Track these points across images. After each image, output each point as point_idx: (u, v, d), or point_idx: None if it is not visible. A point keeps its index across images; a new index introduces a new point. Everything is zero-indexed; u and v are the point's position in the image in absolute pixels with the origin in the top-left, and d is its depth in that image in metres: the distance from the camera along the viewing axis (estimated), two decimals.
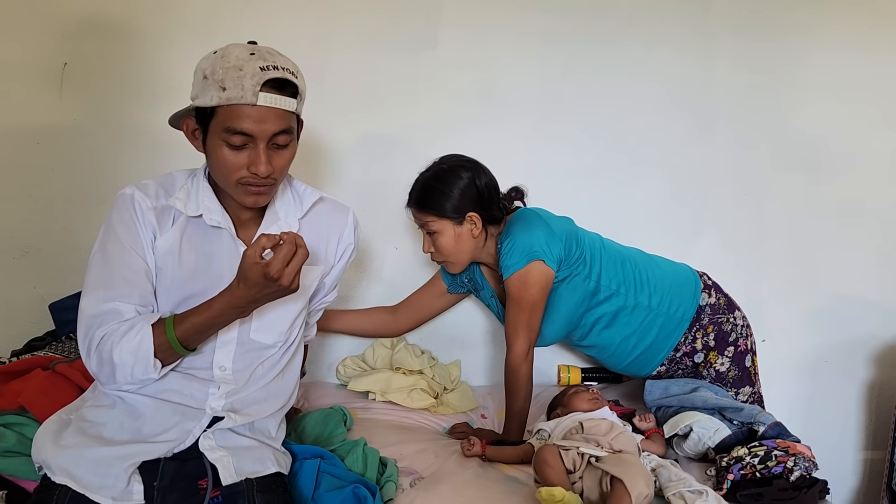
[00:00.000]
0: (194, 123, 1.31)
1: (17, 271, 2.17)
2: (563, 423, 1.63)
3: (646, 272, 1.95)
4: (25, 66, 2.12)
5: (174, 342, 1.25)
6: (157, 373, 1.26)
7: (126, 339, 1.23)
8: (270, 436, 1.43)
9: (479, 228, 1.87)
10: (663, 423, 1.74)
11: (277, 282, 1.18)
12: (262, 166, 1.26)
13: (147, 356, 1.24)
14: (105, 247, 1.33)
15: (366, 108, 2.23)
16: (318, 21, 2.18)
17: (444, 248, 1.88)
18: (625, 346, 1.95)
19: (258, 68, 1.22)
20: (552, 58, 2.29)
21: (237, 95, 1.22)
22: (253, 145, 1.26)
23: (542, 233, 1.82)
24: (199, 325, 1.25)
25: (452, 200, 1.84)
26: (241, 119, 1.23)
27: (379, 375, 2.09)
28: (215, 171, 1.32)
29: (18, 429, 1.46)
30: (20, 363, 1.63)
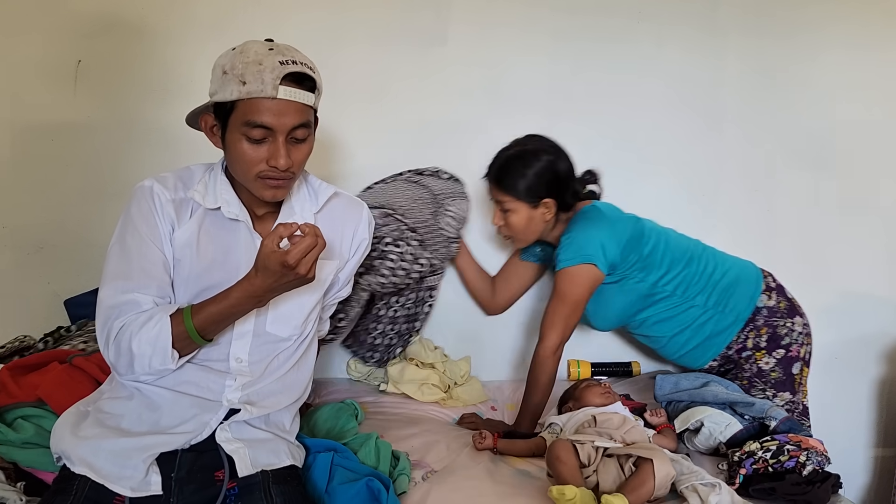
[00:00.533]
0: (213, 119, 1.33)
1: (32, 267, 2.19)
2: (576, 418, 1.63)
3: (707, 272, 1.95)
4: (40, 64, 2.13)
5: (192, 332, 1.26)
6: (175, 363, 1.28)
7: (145, 329, 1.25)
8: (285, 429, 1.44)
9: (553, 213, 1.89)
10: (674, 417, 1.74)
11: (294, 270, 1.19)
12: (281, 160, 1.27)
13: (165, 346, 1.25)
14: (124, 238, 1.35)
15: (376, 105, 2.24)
16: (328, 17, 2.19)
17: (514, 227, 1.90)
18: (677, 341, 1.98)
19: (277, 62, 1.24)
20: (561, 55, 2.29)
21: (257, 89, 1.23)
22: (272, 139, 1.27)
23: (601, 235, 1.84)
24: (216, 314, 1.27)
25: (531, 184, 1.85)
26: (261, 112, 1.25)
27: (392, 366, 2.11)
28: (235, 166, 1.34)
29: (36, 421, 1.47)
30: (37, 356, 1.65)
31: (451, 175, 2.18)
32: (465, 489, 1.50)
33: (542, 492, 1.48)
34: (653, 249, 1.92)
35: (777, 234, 2.40)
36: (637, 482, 1.34)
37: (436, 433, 1.82)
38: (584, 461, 1.43)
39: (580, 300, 1.84)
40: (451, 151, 2.27)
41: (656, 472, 1.32)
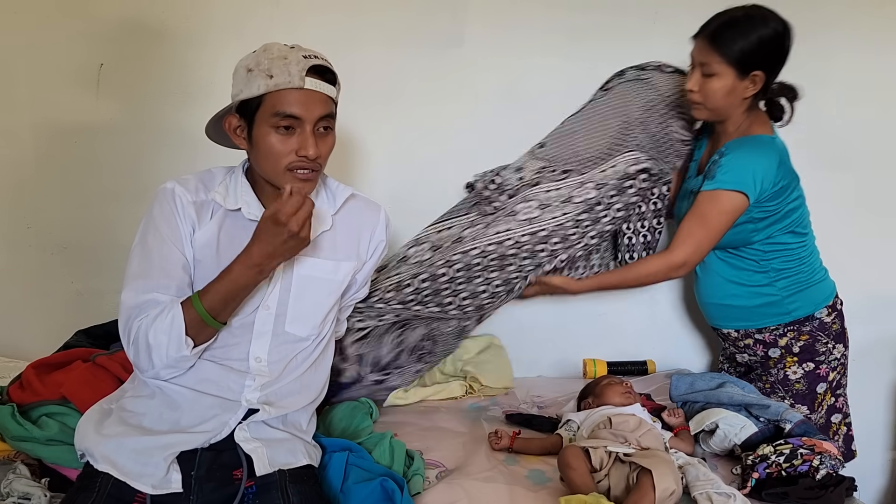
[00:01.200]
0: (237, 120, 1.37)
1: (56, 266, 2.24)
2: (592, 418, 1.64)
3: (805, 259, 1.91)
4: (63, 68, 2.17)
5: (203, 314, 1.29)
6: (190, 351, 1.30)
7: (158, 320, 1.28)
8: (302, 429, 1.47)
9: (754, 91, 1.79)
10: (689, 418, 1.74)
11: (286, 227, 1.23)
12: (311, 149, 1.32)
13: (179, 334, 1.28)
14: (146, 239, 1.38)
15: (392, 107, 2.26)
16: (345, 19, 2.21)
17: (710, 93, 1.79)
18: (726, 288, 1.96)
19: (301, 56, 1.32)
20: (578, 56, 2.29)
21: (285, 80, 1.29)
22: (300, 130, 1.32)
23: (766, 170, 1.76)
24: (222, 291, 1.29)
25: (750, 49, 1.72)
26: (290, 103, 1.31)
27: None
28: (264, 161, 1.36)
29: (60, 418, 1.51)
30: (61, 355, 1.69)
31: (674, 68, 2.05)
32: (479, 489, 1.52)
33: (556, 492, 1.49)
34: (790, 209, 1.86)
35: None
36: (637, 496, 1.32)
37: (451, 431, 1.83)
38: (595, 466, 1.43)
39: (721, 229, 1.79)
40: (467, 154, 2.28)
41: (656, 485, 1.30)
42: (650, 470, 1.33)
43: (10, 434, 1.47)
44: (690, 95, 1.84)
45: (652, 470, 1.32)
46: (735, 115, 1.84)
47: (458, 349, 2.17)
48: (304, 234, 1.27)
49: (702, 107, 1.84)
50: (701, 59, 1.79)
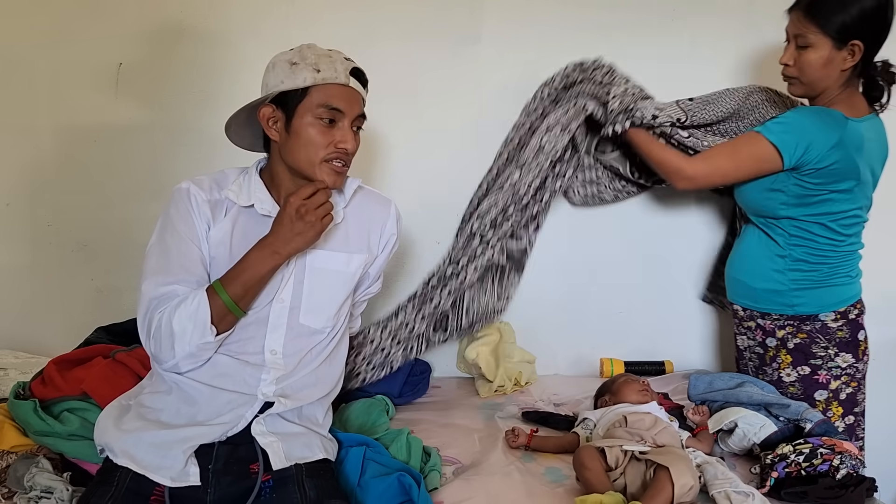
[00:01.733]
0: (272, 110, 1.40)
1: (76, 264, 2.26)
2: (608, 416, 1.64)
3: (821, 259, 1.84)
4: (83, 67, 2.19)
5: (228, 303, 1.32)
6: (214, 337, 1.32)
7: (183, 306, 1.31)
8: (317, 423, 1.47)
9: (853, 63, 1.71)
10: (708, 417, 1.73)
11: (298, 212, 1.32)
12: (350, 142, 1.40)
13: (205, 320, 1.30)
14: (163, 237, 1.40)
15: (408, 103, 2.26)
16: (361, 16, 2.21)
17: (806, 66, 1.73)
18: (744, 264, 1.94)
19: (343, 58, 1.42)
20: (595, 53, 2.26)
21: (332, 76, 1.38)
22: (341, 123, 1.40)
23: (819, 139, 1.70)
24: (242, 277, 1.33)
25: (850, 19, 1.66)
26: (335, 97, 1.38)
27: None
28: (302, 151, 1.40)
29: (81, 414, 1.53)
30: (81, 351, 1.71)
31: None
32: (495, 486, 1.52)
33: (571, 491, 1.49)
34: (831, 199, 1.78)
35: None
36: (655, 490, 1.32)
37: (468, 427, 1.83)
38: (611, 465, 1.43)
39: (743, 168, 1.78)
40: (483, 151, 2.28)
41: (674, 481, 1.30)
42: (667, 467, 1.32)
43: (32, 429, 1.49)
44: (785, 70, 1.80)
45: (669, 466, 1.32)
46: (830, 89, 1.77)
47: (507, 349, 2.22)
48: (310, 218, 1.33)
49: (797, 81, 1.79)
50: (795, 31, 1.75)
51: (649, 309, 2.36)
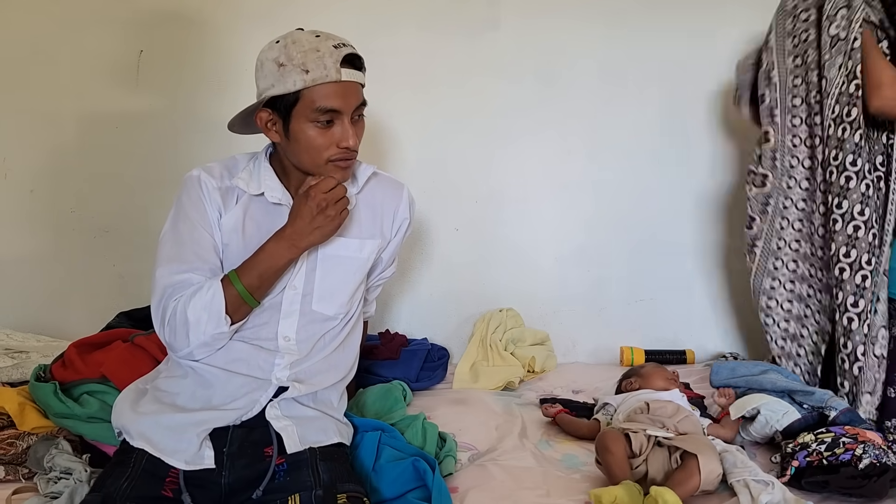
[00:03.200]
0: (269, 114, 1.36)
1: (98, 249, 2.30)
2: (629, 402, 1.62)
3: None
4: (105, 55, 2.22)
5: (242, 292, 1.31)
6: (228, 327, 1.32)
7: (198, 296, 1.31)
8: (332, 406, 1.47)
9: None
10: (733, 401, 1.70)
11: (319, 206, 1.30)
12: (351, 140, 1.34)
13: (219, 310, 1.30)
14: (176, 225, 1.40)
15: (426, 90, 2.25)
16: (377, 3, 2.21)
17: None
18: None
19: (332, 47, 1.30)
20: (616, 37, 2.25)
21: (322, 75, 1.28)
22: (339, 121, 1.33)
23: None
24: (259, 268, 1.33)
25: None
26: (328, 97, 1.30)
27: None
28: (303, 155, 1.36)
29: (101, 396, 1.55)
30: (102, 335, 1.73)
31: None
32: (511, 472, 1.51)
33: (588, 479, 1.48)
34: None
35: None
36: (683, 476, 1.31)
37: (485, 413, 1.82)
38: (635, 450, 1.41)
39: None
40: (502, 139, 2.26)
41: (701, 468, 1.29)
42: (696, 454, 1.31)
43: (52, 411, 1.51)
44: None
45: (698, 454, 1.31)
46: None
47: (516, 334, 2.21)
48: (330, 212, 1.31)
49: None
50: None
51: (670, 297, 2.33)
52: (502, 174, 2.29)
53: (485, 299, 2.31)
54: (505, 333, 2.20)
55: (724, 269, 2.31)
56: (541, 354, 2.17)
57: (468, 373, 2.07)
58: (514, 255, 2.32)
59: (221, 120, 1.46)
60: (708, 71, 2.24)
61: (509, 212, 2.31)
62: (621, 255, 2.32)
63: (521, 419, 1.78)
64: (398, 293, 2.32)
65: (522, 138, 2.28)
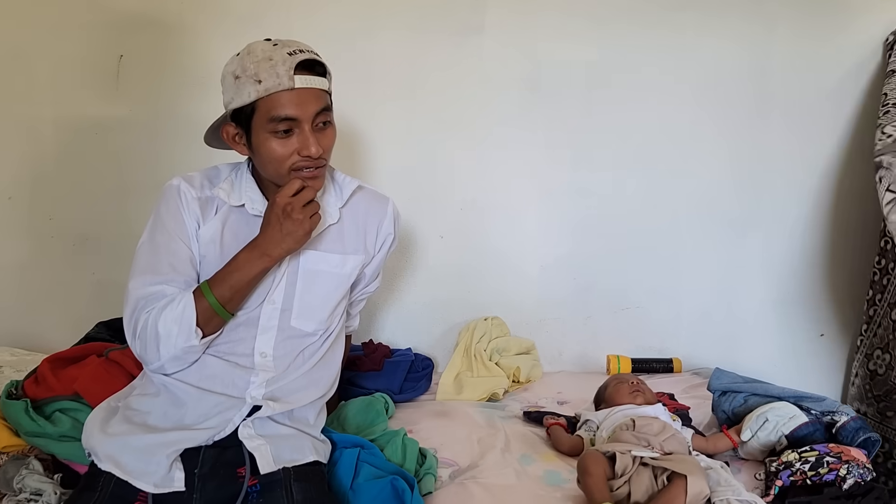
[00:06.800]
0: (234, 128, 1.34)
1: (77, 257, 2.26)
2: (613, 417, 1.59)
3: None
4: (84, 59, 2.18)
5: (214, 303, 1.29)
6: (199, 341, 1.29)
7: (169, 308, 1.28)
8: (309, 424, 1.44)
9: None
10: (731, 412, 1.67)
11: (285, 211, 1.27)
12: (312, 147, 1.29)
13: (190, 323, 1.27)
14: (153, 236, 1.38)
15: (411, 95, 2.21)
16: (362, 7, 2.17)
17: None
18: None
19: (286, 54, 1.26)
20: (602, 42, 2.21)
21: (274, 84, 1.25)
22: (299, 130, 1.29)
23: None
24: (231, 279, 1.30)
25: None
26: (283, 105, 1.27)
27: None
28: (267, 167, 1.34)
29: (73, 414, 1.52)
30: (76, 350, 1.70)
31: None
32: (492, 490, 1.48)
33: (570, 497, 1.46)
34: None
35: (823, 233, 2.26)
36: (668, 497, 1.29)
37: (467, 426, 1.79)
38: (618, 472, 1.39)
39: None
40: (487, 145, 2.23)
41: (689, 489, 1.27)
42: (685, 475, 1.30)
43: (23, 429, 1.48)
44: None
45: (688, 475, 1.30)
46: None
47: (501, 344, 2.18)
48: (297, 216, 1.28)
49: None
50: None
51: (657, 305, 2.31)
52: (487, 181, 2.26)
53: (470, 307, 2.29)
54: (490, 343, 2.17)
55: (712, 276, 2.29)
56: (526, 364, 2.15)
57: (452, 384, 2.04)
58: (499, 262, 2.29)
59: (203, 126, 1.44)
60: (698, 76, 2.21)
61: (495, 219, 2.28)
62: (608, 262, 2.29)
63: (504, 432, 1.76)
64: (382, 301, 2.29)
65: (508, 144, 2.24)
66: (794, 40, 2.20)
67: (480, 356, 2.12)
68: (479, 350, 2.13)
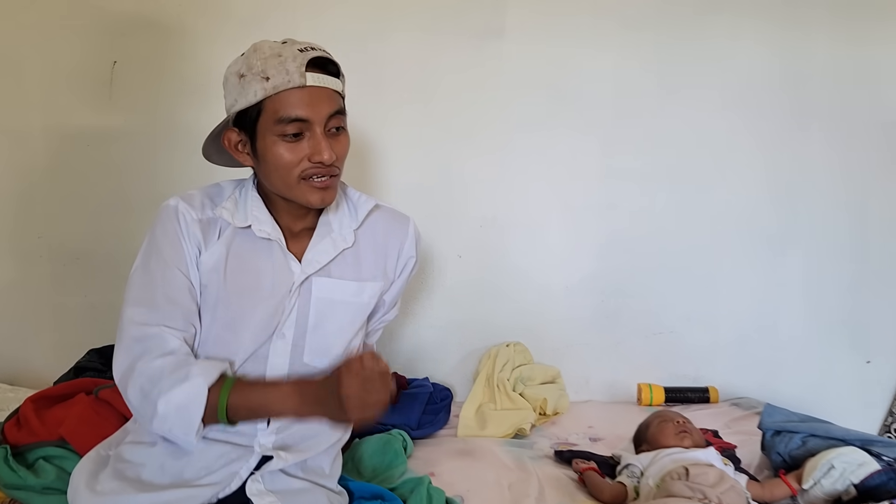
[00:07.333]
0: (237, 134, 1.21)
1: (68, 278, 2.11)
2: (661, 462, 1.43)
3: None
4: (75, 66, 2.05)
5: (221, 409, 1.11)
6: (197, 438, 1.13)
7: (178, 391, 1.11)
8: (324, 474, 1.29)
9: None
10: (787, 454, 1.51)
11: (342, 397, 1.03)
12: (325, 152, 1.15)
13: (193, 419, 1.11)
14: (148, 263, 1.23)
15: (427, 103, 2.09)
16: (374, 9, 2.05)
17: None
18: None
19: (297, 51, 1.14)
20: (630, 47, 2.09)
21: (283, 81, 1.12)
22: (310, 133, 1.16)
23: None
24: (254, 408, 1.14)
25: None
26: (293, 105, 1.14)
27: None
28: (273, 175, 1.20)
29: (59, 462, 1.37)
30: (63, 387, 1.55)
31: None
32: None
33: None
34: None
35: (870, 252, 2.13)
36: None
37: (495, 468, 1.63)
38: None
39: None
40: (508, 158, 2.09)
41: None
42: None
43: (2, 481, 1.32)
44: None
45: None
46: None
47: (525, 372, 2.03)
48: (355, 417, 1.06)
49: None
50: None
51: (692, 330, 2.16)
52: (508, 195, 2.12)
53: (490, 332, 2.14)
54: (513, 371, 2.02)
55: (750, 297, 2.14)
56: (552, 395, 1.99)
57: (474, 417, 1.88)
58: (521, 283, 2.14)
59: (203, 136, 1.30)
60: (731, 83, 2.07)
61: (515, 236, 2.13)
62: (637, 282, 2.14)
63: (536, 476, 1.60)
64: (396, 325, 2.13)
65: (530, 156, 2.10)
66: (833, 46, 2.09)
67: (503, 386, 1.96)
68: (502, 379, 1.98)
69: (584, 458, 1.65)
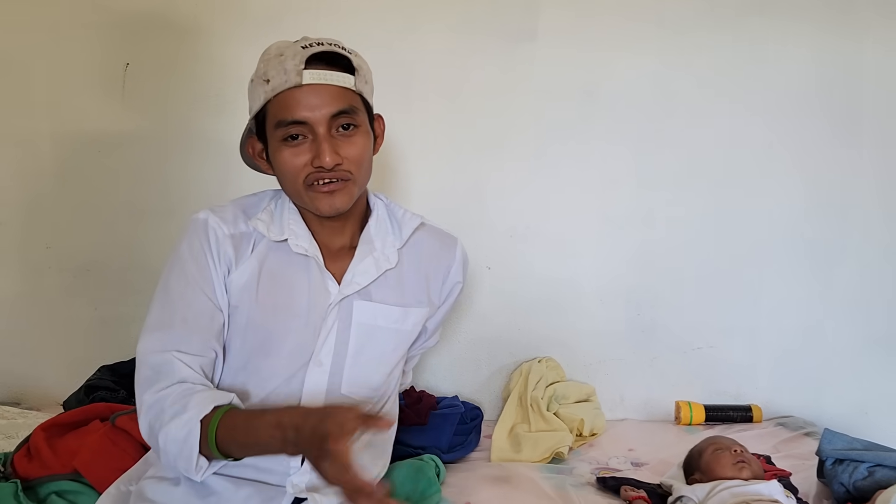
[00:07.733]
0: (256, 142, 1.16)
1: (78, 290, 2.01)
2: (719, 496, 1.32)
3: None
4: (85, 68, 1.96)
5: (211, 441, 1.01)
6: (201, 475, 1.04)
7: (174, 424, 1.02)
8: None
9: None
10: (852, 485, 1.41)
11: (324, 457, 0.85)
12: (326, 156, 1.07)
13: (191, 454, 1.02)
14: (168, 281, 1.14)
15: (456, 107, 1.99)
16: (401, 11, 1.96)
17: None
18: None
19: (299, 48, 1.07)
20: (669, 50, 1.99)
21: (281, 81, 1.06)
22: (313, 136, 1.08)
23: None
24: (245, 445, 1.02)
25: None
26: (290, 106, 1.07)
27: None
28: (284, 183, 1.14)
29: (72, 497, 1.27)
30: (76, 413, 1.44)
31: None
32: None
33: None
34: None
35: None
36: None
37: (535, 497, 1.52)
38: None
39: None
40: (540, 165, 1.99)
41: None
42: None
43: None
44: None
45: None
46: None
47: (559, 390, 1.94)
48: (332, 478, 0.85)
49: None
50: None
51: (733, 345, 2.05)
52: (539, 205, 2.01)
53: (520, 347, 2.04)
54: (546, 389, 1.91)
55: (794, 311, 2.04)
56: (588, 414, 1.89)
57: (507, 440, 1.78)
58: (553, 296, 2.03)
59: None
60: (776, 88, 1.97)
61: (547, 247, 2.03)
62: (675, 295, 2.04)
63: None
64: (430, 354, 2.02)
65: (561, 163, 2.01)
66: (887, 53, 1.99)
67: (537, 405, 1.86)
68: (536, 398, 1.87)
69: (632, 486, 1.55)
